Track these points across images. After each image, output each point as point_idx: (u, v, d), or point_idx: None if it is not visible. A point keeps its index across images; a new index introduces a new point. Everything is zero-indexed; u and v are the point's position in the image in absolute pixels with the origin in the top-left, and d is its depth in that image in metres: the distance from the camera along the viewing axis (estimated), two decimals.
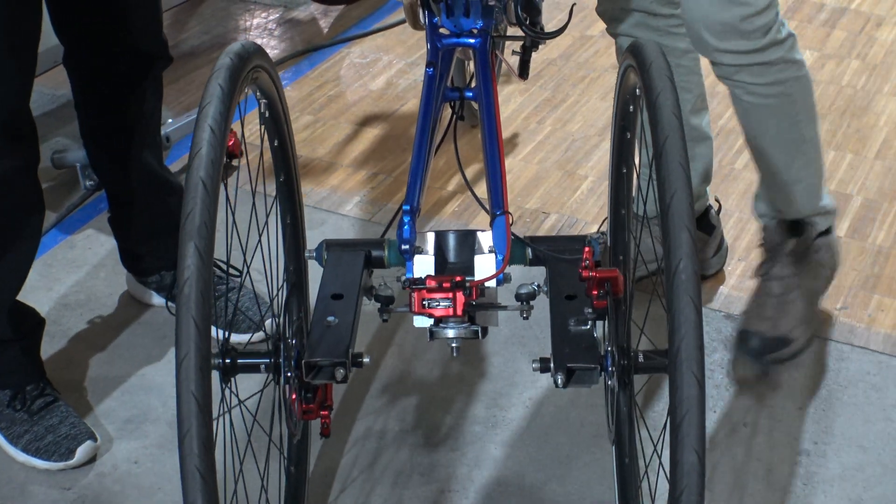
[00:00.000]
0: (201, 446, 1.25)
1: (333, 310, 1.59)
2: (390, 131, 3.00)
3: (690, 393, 1.25)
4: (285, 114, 1.73)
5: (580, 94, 3.13)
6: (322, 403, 1.61)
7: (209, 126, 1.36)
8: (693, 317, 1.26)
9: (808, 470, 1.99)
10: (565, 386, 1.47)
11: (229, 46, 1.49)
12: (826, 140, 2.93)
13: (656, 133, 1.37)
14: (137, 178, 2.21)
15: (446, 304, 1.53)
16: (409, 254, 1.64)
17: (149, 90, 2.16)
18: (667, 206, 1.31)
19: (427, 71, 1.89)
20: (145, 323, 2.34)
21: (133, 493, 1.96)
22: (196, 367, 1.26)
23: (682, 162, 1.33)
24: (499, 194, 1.69)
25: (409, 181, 1.74)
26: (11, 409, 2.03)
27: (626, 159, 1.77)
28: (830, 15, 3.58)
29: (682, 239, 1.29)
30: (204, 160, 1.33)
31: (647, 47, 1.49)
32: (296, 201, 1.85)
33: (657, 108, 1.39)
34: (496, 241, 1.64)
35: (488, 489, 1.96)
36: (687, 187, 1.32)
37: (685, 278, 1.28)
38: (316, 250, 1.73)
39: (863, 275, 2.46)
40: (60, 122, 2.98)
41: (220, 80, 1.41)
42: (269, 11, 3.67)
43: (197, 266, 1.29)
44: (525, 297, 1.61)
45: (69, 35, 2.08)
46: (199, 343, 1.27)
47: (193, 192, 1.32)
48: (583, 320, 1.54)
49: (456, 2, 1.89)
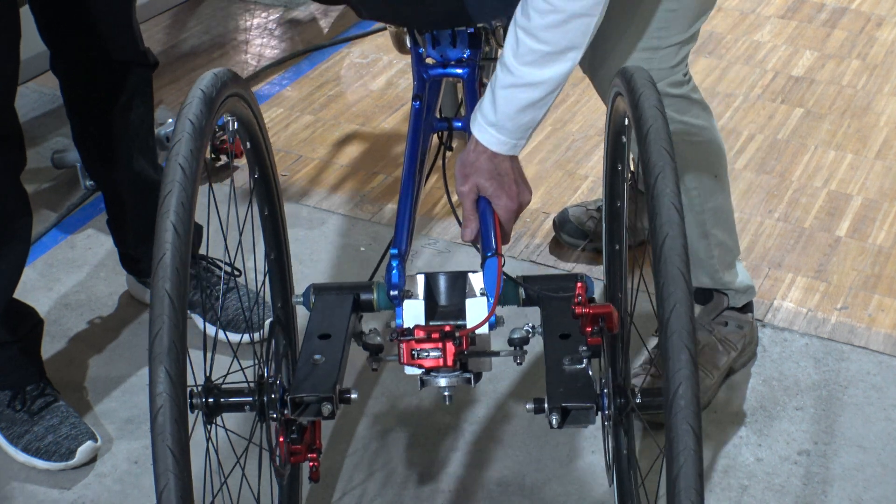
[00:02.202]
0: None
1: (321, 349, 1.56)
2: (390, 131, 3.00)
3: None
4: (266, 143, 1.70)
5: (580, 94, 3.13)
6: (310, 445, 1.58)
7: (171, 224, 1.31)
8: (692, 444, 1.21)
9: (808, 470, 1.99)
10: (560, 426, 1.45)
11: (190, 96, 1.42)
12: (826, 140, 2.93)
13: (654, 229, 1.30)
14: (129, 183, 2.21)
15: (436, 355, 1.51)
16: (398, 299, 1.62)
17: (136, 97, 2.15)
18: (666, 320, 1.25)
19: (413, 105, 1.86)
20: (145, 323, 2.34)
21: (133, 493, 1.96)
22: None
23: (683, 268, 1.27)
24: (490, 235, 1.66)
25: (398, 222, 1.71)
26: (11, 409, 2.03)
27: (618, 193, 1.74)
28: (830, 15, 3.58)
29: (682, 361, 1.23)
30: (168, 269, 1.30)
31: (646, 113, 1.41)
32: (281, 241, 1.82)
33: (655, 198, 1.32)
34: (487, 284, 1.61)
35: (488, 489, 1.96)
36: (688, 298, 1.26)
37: (684, 404, 1.22)
38: (303, 295, 1.70)
39: (863, 275, 2.46)
40: (60, 122, 2.97)
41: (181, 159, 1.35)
42: (269, 11, 3.67)
43: (169, 394, 1.25)
44: (518, 343, 1.58)
45: (50, 41, 2.09)
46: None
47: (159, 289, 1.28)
48: (577, 359, 1.50)
49: (441, 32, 1.87)
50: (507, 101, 1.61)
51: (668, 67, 1.91)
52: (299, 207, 2.67)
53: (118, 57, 2.10)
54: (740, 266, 2.18)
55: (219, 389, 1.45)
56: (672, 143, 1.36)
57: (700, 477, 1.21)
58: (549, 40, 1.56)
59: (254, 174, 1.73)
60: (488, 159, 1.65)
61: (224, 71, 1.48)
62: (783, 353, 2.25)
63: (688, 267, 1.27)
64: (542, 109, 1.62)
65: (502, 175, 1.66)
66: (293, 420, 1.52)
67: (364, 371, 2.19)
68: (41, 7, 2.02)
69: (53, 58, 2.12)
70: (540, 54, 1.57)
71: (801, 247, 2.55)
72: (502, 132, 1.63)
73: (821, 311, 2.36)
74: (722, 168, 2.07)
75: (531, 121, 1.62)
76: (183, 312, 1.28)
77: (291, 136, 2.96)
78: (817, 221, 2.63)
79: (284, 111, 3.07)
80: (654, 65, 1.88)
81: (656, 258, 1.28)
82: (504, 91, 1.61)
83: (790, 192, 2.73)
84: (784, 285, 2.43)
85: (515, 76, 1.59)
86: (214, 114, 1.42)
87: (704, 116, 2.01)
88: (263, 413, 1.49)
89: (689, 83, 1.98)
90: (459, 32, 1.87)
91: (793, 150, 2.90)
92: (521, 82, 1.59)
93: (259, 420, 1.50)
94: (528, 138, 1.65)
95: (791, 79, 3.22)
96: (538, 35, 1.56)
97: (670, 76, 1.92)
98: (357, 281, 1.74)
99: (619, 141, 1.67)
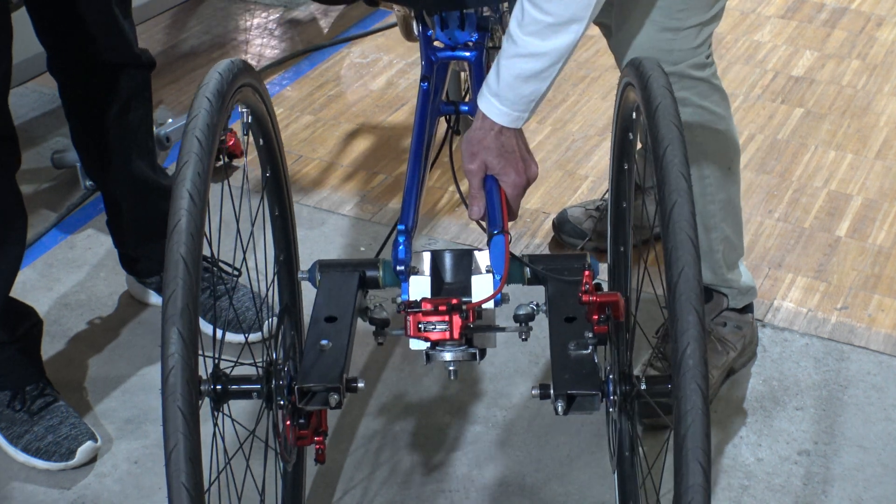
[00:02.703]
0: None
1: (327, 333, 1.56)
2: (390, 131, 3.00)
3: (696, 481, 1.20)
4: (278, 141, 1.70)
5: (580, 94, 3.13)
6: (316, 429, 1.58)
7: (188, 192, 1.30)
8: (700, 404, 1.21)
9: (808, 470, 1.99)
10: (566, 413, 1.45)
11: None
12: (826, 140, 2.93)
13: (662, 197, 1.31)
14: (127, 185, 2.21)
15: (443, 328, 1.51)
16: (404, 275, 1.62)
17: (134, 99, 2.15)
18: (674, 283, 1.26)
19: (421, 86, 1.87)
20: (145, 323, 2.34)
21: (133, 493, 1.96)
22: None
23: (691, 233, 1.28)
24: (496, 213, 1.66)
25: (404, 200, 1.72)
26: (11, 409, 2.03)
27: (624, 193, 1.74)
28: (830, 15, 3.58)
29: (690, 322, 1.24)
30: (183, 234, 1.28)
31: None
32: (288, 227, 1.82)
33: (664, 168, 1.33)
34: (494, 261, 1.62)
35: (488, 489, 1.96)
36: (695, 262, 1.26)
37: (692, 364, 1.23)
38: (309, 271, 1.70)
39: (863, 275, 2.46)
40: (60, 122, 2.97)
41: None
42: (269, 11, 3.67)
43: (182, 355, 1.24)
44: (523, 319, 1.59)
45: (47, 43, 2.09)
46: (187, 431, 1.23)
47: (174, 270, 1.27)
48: (583, 345, 1.51)
49: (450, 15, 1.87)
50: (510, 70, 1.62)
51: (691, 49, 1.91)
52: (299, 207, 2.67)
53: (112, 59, 2.10)
54: (743, 267, 2.18)
55: (226, 376, 1.45)
56: (681, 121, 1.37)
57: (707, 437, 1.21)
58: (552, 11, 1.57)
59: (266, 172, 1.73)
60: (495, 136, 1.66)
61: (240, 60, 1.49)
62: (783, 353, 2.25)
63: (695, 232, 1.28)
64: (544, 82, 1.62)
65: (509, 151, 1.67)
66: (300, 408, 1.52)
67: (367, 369, 2.19)
68: (38, 9, 2.02)
69: (50, 59, 2.12)
70: (543, 25, 1.58)
71: (801, 247, 2.55)
72: (504, 102, 1.64)
73: (821, 311, 2.36)
74: (736, 161, 2.07)
75: (533, 93, 1.63)
76: (197, 277, 1.27)
77: (291, 136, 2.96)
78: (817, 221, 2.63)
79: (284, 111, 3.07)
80: (675, 45, 1.89)
81: (664, 225, 1.29)
82: (507, 61, 1.62)
83: (790, 192, 2.73)
84: (784, 285, 2.43)
85: (519, 46, 1.60)
86: (231, 96, 1.42)
87: (724, 106, 2.01)
88: (271, 400, 1.49)
89: (712, 66, 1.97)
90: (468, 15, 1.88)
91: (793, 150, 2.90)
92: (523, 52, 1.60)
93: (266, 407, 1.51)
94: (531, 112, 1.66)
95: (791, 79, 3.22)
96: (542, 6, 1.57)
97: (692, 57, 1.92)
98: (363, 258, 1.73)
99: (626, 139, 1.67)
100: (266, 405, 1.50)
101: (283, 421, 1.51)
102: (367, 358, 2.22)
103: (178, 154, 1.34)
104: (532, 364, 2.20)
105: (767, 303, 2.37)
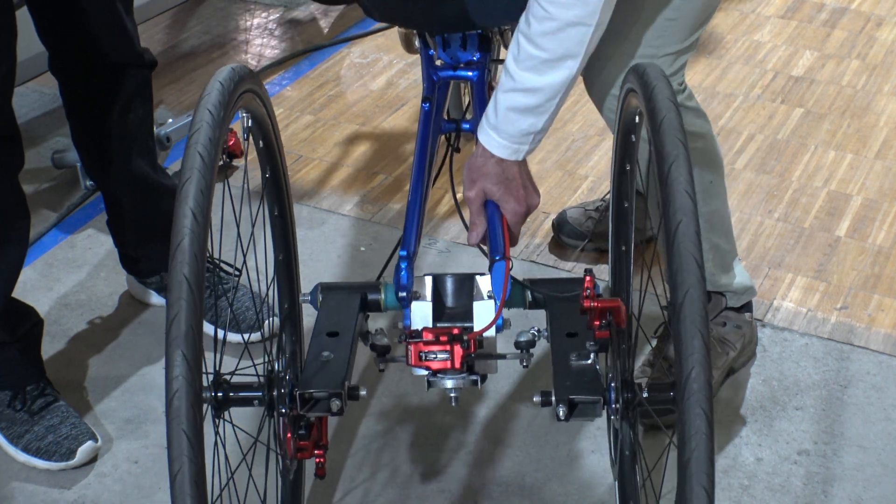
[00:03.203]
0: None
1: (329, 346, 1.57)
2: (390, 131, 3.00)
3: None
4: (278, 143, 1.71)
5: (580, 94, 3.12)
6: (317, 442, 1.59)
7: (191, 210, 1.29)
8: (705, 429, 1.21)
9: (808, 470, 1.99)
10: (567, 419, 1.45)
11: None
12: (826, 140, 2.93)
13: (667, 215, 1.30)
14: (128, 185, 2.21)
15: (444, 357, 1.52)
16: (406, 300, 1.63)
17: (135, 99, 2.15)
18: (679, 305, 1.25)
19: (423, 107, 1.87)
20: (145, 323, 2.34)
21: (133, 493, 1.96)
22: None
23: (696, 254, 1.26)
24: (498, 239, 1.67)
25: (406, 224, 1.72)
26: (12, 409, 2.03)
27: (626, 193, 1.74)
28: (830, 15, 3.58)
29: (695, 346, 1.23)
30: (187, 254, 1.27)
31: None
32: (289, 234, 1.82)
33: (669, 185, 1.32)
34: (495, 288, 1.63)
35: (488, 489, 1.96)
36: (700, 284, 1.26)
37: (697, 388, 1.22)
38: (311, 294, 1.71)
39: (863, 275, 2.46)
40: (60, 122, 2.97)
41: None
42: (269, 11, 3.67)
43: (186, 378, 1.23)
44: (524, 346, 1.60)
45: (48, 42, 2.09)
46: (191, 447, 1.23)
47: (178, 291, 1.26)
48: (585, 354, 1.52)
49: (452, 35, 1.88)
50: (506, 104, 1.62)
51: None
52: (299, 207, 2.67)
53: (113, 58, 2.10)
54: (739, 267, 2.18)
55: (228, 384, 1.45)
56: (685, 135, 1.36)
57: (712, 461, 1.21)
58: (547, 47, 1.57)
59: (265, 173, 1.73)
60: (496, 164, 1.66)
61: (241, 66, 1.49)
62: (783, 353, 2.25)
63: (700, 253, 1.27)
64: (541, 116, 1.63)
65: (510, 180, 1.67)
66: (301, 416, 1.52)
67: (367, 371, 2.19)
68: (39, 8, 2.02)
69: (52, 58, 2.12)
70: (538, 60, 1.58)
71: (801, 247, 2.55)
72: (502, 136, 1.64)
73: (821, 311, 2.36)
74: (717, 175, 2.07)
75: (530, 127, 1.63)
76: (200, 298, 1.27)
77: (291, 137, 2.96)
78: (817, 221, 2.63)
79: (284, 111, 3.07)
80: None
81: (669, 244, 1.28)
82: (504, 95, 1.62)
83: (790, 192, 2.73)
84: (784, 285, 2.43)
85: (515, 81, 1.61)
86: (232, 106, 1.43)
87: (699, 123, 2.01)
88: (272, 408, 1.49)
89: (685, 92, 1.98)
90: (469, 35, 1.88)
91: (793, 150, 2.90)
92: (519, 87, 1.61)
93: (267, 415, 1.51)
94: (532, 145, 1.66)
95: (791, 79, 3.22)
96: (536, 41, 1.57)
97: None
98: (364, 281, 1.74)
99: (628, 140, 1.67)
100: (268, 413, 1.50)
101: (284, 432, 1.51)
102: (368, 359, 2.22)
103: (181, 168, 1.34)
104: (535, 365, 2.20)
105: (767, 303, 2.37)
